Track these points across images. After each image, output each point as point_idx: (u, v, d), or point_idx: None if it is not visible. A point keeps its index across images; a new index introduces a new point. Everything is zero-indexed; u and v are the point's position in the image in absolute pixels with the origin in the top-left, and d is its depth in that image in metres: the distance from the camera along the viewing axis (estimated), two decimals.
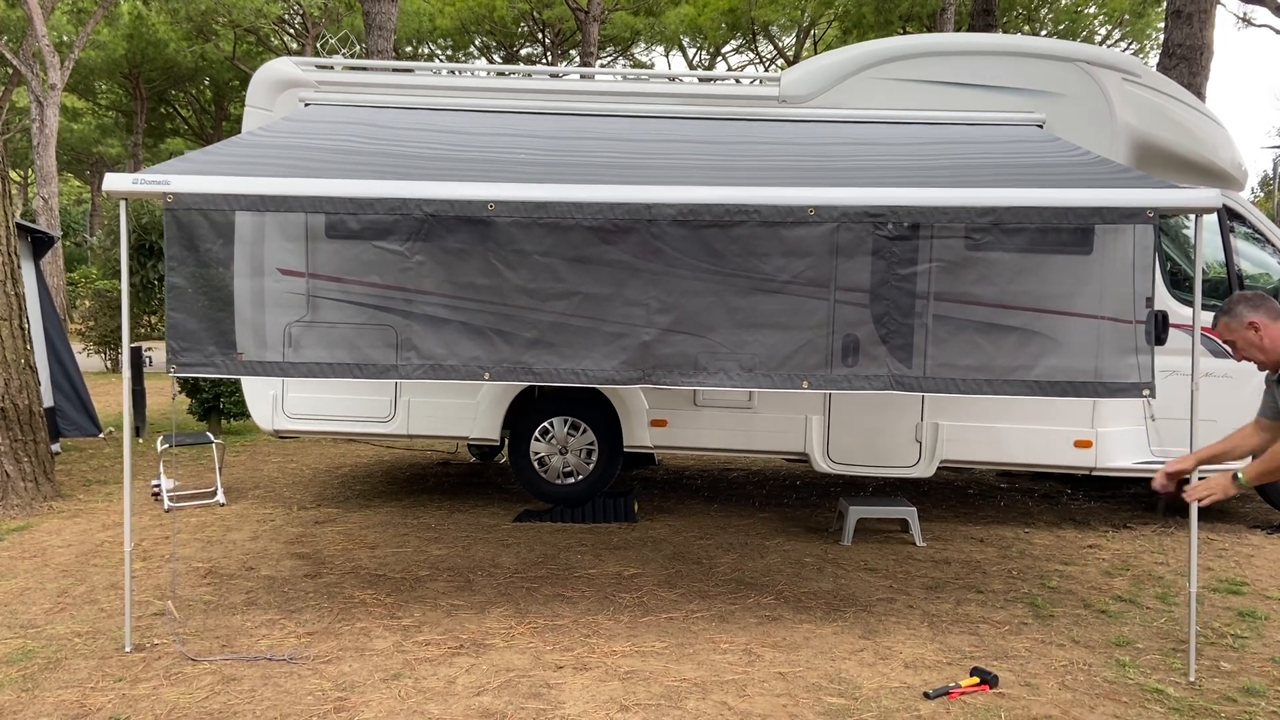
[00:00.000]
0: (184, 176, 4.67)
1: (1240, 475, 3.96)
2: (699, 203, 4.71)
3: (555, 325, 4.85)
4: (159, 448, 8.15)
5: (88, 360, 18.15)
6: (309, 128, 6.13)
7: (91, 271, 17.39)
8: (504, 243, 4.78)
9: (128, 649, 4.85)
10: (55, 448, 9.89)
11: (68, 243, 36.43)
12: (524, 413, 7.65)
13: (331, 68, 7.36)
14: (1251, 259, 7.68)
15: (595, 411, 7.60)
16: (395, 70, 7.55)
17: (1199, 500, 4.13)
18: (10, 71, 32.40)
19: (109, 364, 17.94)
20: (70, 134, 39.66)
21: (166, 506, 7.74)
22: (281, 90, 7.19)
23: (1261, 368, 4.12)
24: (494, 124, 6.62)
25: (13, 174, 47.21)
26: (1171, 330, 7.22)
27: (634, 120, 6.94)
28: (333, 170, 5.02)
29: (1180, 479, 4.36)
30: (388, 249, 4.79)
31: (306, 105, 6.94)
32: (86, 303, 16.43)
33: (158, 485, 7.92)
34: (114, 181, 4.61)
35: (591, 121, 6.85)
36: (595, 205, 4.71)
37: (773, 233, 4.75)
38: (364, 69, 7.47)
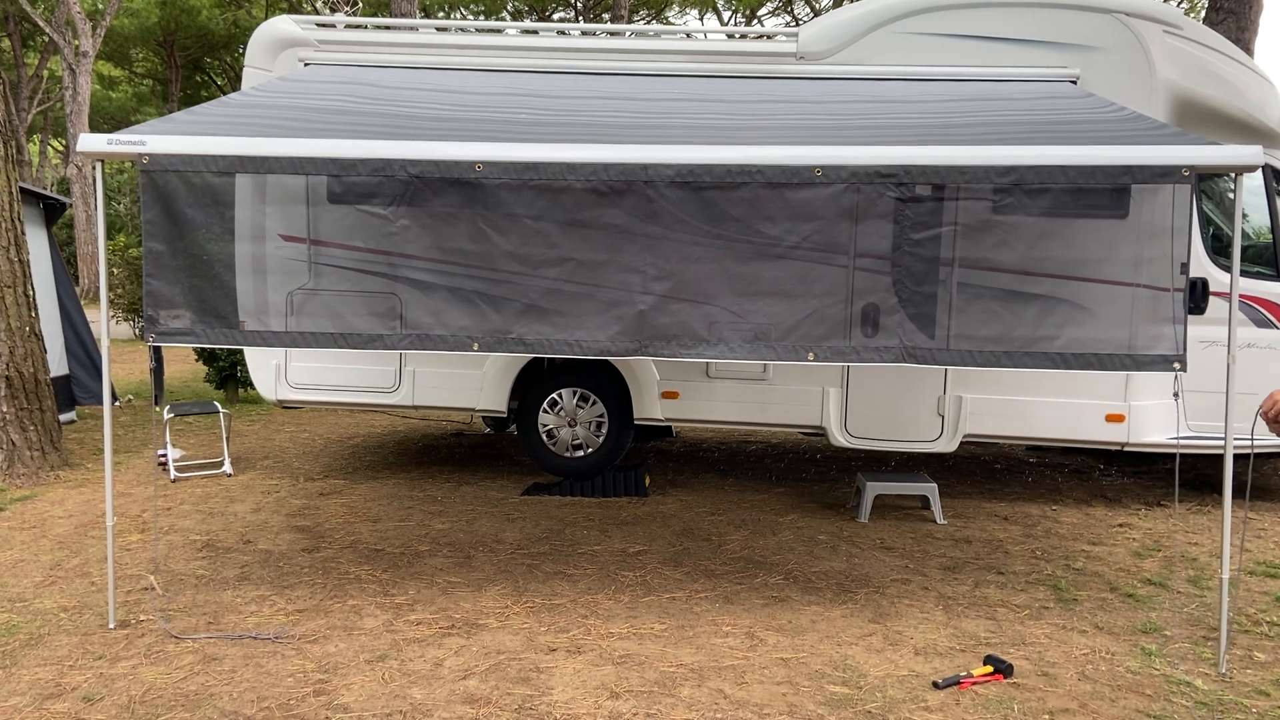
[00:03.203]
0: (160, 137, 4.47)
1: None
2: (698, 163, 4.44)
3: (547, 293, 4.60)
4: (165, 417, 8.05)
5: (117, 328, 18.25)
6: (304, 87, 5.91)
7: (121, 239, 17.37)
8: (493, 206, 4.54)
9: (112, 625, 4.73)
10: (71, 415, 9.88)
11: (108, 211, 36.70)
12: (532, 384, 7.44)
13: (333, 26, 7.12)
14: None
15: (605, 383, 7.38)
16: (398, 29, 7.29)
17: None
18: (46, 39, 32.63)
19: (137, 331, 18.01)
20: (109, 102, 39.91)
21: (173, 477, 7.65)
22: (281, 49, 6.97)
23: None
24: (497, 83, 6.36)
25: (54, 143, 47.71)
26: (1212, 299, 6.86)
27: (644, 79, 6.65)
28: (321, 131, 4.79)
29: None
30: (371, 212, 4.57)
31: (306, 65, 6.72)
32: (115, 270, 16.41)
33: (164, 455, 7.83)
34: (88, 143, 4.42)
35: (600, 80, 6.57)
36: (589, 166, 4.45)
37: (777, 195, 4.46)
38: (366, 27, 7.22)
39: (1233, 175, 4.39)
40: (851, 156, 4.39)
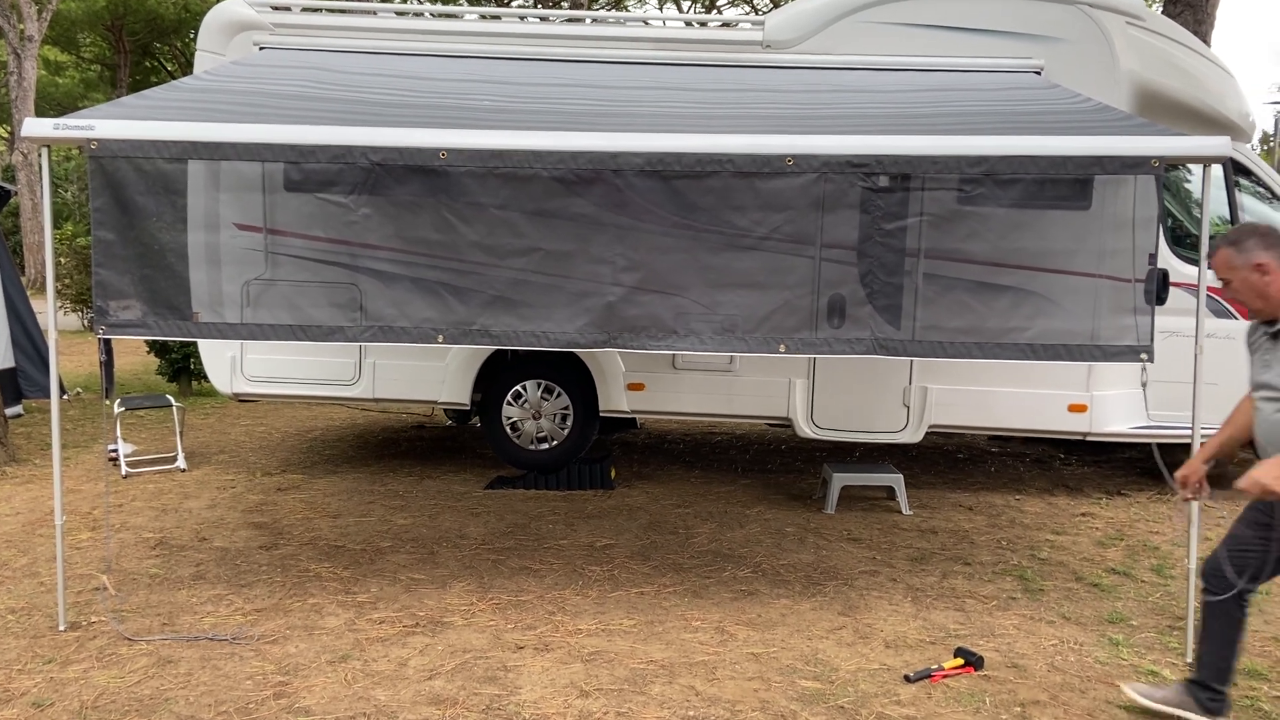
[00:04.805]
0: (109, 121, 4.30)
1: None
2: (668, 151, 4.36)
3: (514, 284, 4.51)
4: (115, 410, 7.83)
5: (64, 319, 17.79)
6: (258, 72, 5.74)
7: (69, 228, 16.92)
8: (458, 195, 4.42)
9: (62, 627, 4.57)
10: (18, 409, 9.60)
11: (55, 199, 35.83)
12: (496, 376, 7.33)
13: (288, 9, 6.93)
14: (1258, 215, 7.33)
15: (570, 375, 7.28)
16: (356, 13, 7.11)
17: (1261, 492, 3.22)
18: None
19: (86, 323, 17.58)
20: (55, 88, 38.87)
21: (124, 472, 7.44)
22: (235, 33, 6.78)
23: (1252, 316, 3.50)
24: (458, 69, 6.23)
25: None
26: (1172, 289, 6.91)
27: (609, 66, 6.56)
28: (277, 116, 4.65)
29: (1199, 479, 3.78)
30: (331, 201, 4.43)
31: (261, 49, 6.54)
32: (62, 260, 15.98)
33: (114, 450, 7.61)
34: (34, 127, 4.24)
35: (563, 68, 6.46)
36: (556, 154, 4.35)
37: (748, 184, 4.40)
38: (322, 10, 7.04)
39: (1189, 167, 4.40)
40: (824, 146, 4.34)
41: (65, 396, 10.53)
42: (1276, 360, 3.43)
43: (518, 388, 7.35)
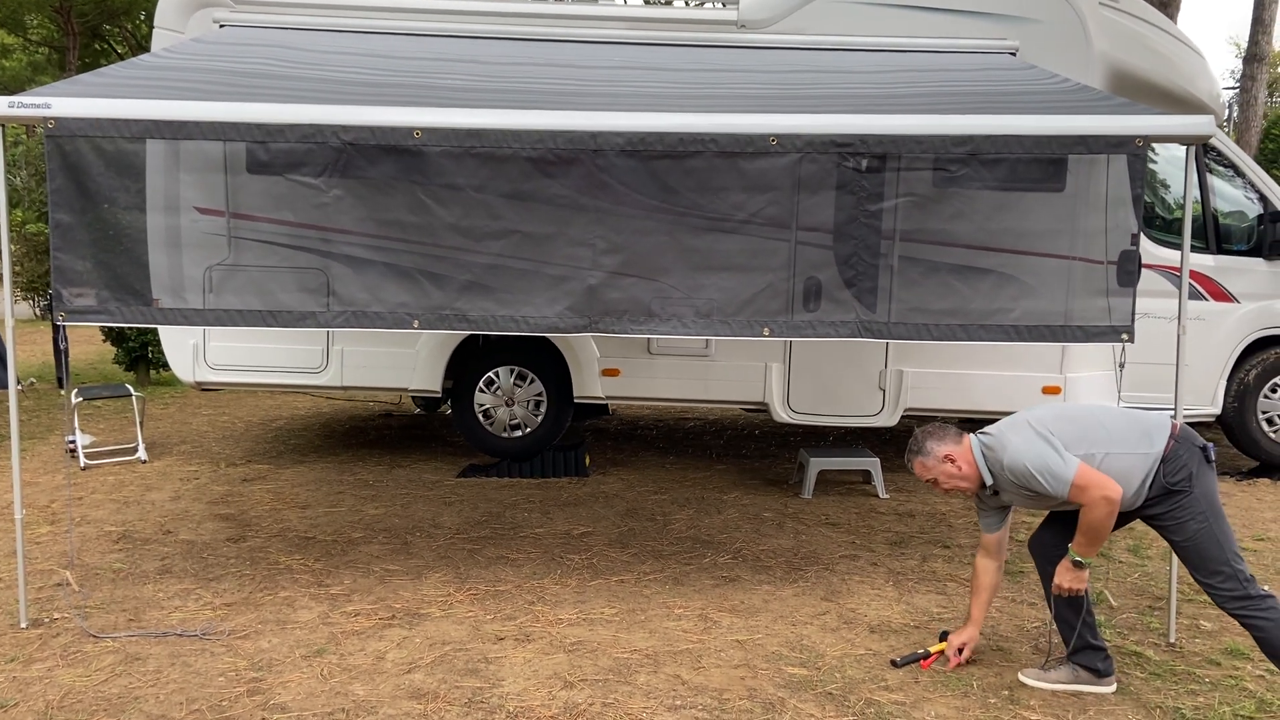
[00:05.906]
0: (67, 99, 4.12)
1: (1073, 553, 3.63)
2: (650, 131, 4.25)
3: (492, 268, 4.39)
4: (73, 400, 7.60)
5: (15, 307, 17.35)
6: (220, 50, 5.55)
7: (18, 215, 16.46)
8: (433, 175, 4.29)
9: (23, 625, 4.40)
10: None
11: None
12: (467, 362, 7.20)
13: None
14: (1226, 197, 7.39)
15: (544, 361, 7.18)
16: None
17: (1070, 594, 3.74)
18: None
19: (37, 311, 17.15)
20: (1, 71, 37.90)
21: (83, 464, 7.23)
22: (194, 10, 6.57)
23: (969, 495, 3.88)
24: (428, 48, 6.07)
25: None
26: (1143, 271, 6.93)
27: (581, 46, 6.43)
28: (243, 95, 4.48)
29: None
30: (301, 182, 4.28)
31: (221, 27, 6.33)
32: (13, 247, 15.58)
33: (73, 441, 7.40)
34: None
35: (536, 47, 6.32)
36: (535, 133, 4.23)
37: (731, 165, 4.31)
38: None
39: (1154, 148, 4.37)
40: (807, 125, 4.26)
41: (20, 387, 10.23)
42: (1010, 498, 3.82)
43: (490, 374, 7.23)
